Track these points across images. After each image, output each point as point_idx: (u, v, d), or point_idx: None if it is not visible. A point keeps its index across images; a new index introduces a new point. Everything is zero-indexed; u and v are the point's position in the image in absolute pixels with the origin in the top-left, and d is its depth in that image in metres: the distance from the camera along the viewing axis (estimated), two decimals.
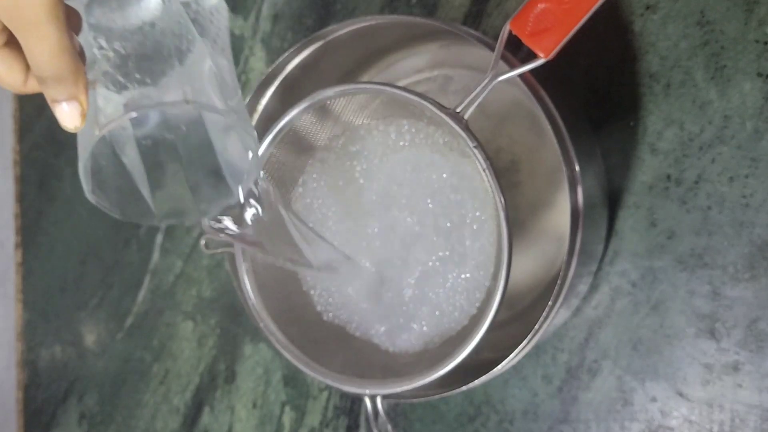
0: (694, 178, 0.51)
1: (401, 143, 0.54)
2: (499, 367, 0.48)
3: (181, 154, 0.40)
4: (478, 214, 0.51)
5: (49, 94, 0.34)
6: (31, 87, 0.36)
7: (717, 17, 0.50)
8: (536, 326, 0.46)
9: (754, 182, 0.49)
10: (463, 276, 0.52)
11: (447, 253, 0.52)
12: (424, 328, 0.53)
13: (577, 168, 0.46)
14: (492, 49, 0.45)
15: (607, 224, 0.53)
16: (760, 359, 0.49)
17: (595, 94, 0.55)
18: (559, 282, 0.46)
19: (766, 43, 0.49)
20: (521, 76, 0.45)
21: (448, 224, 0.52)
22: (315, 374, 0.51)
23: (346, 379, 0.50)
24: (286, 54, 0.54)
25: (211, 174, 0.41)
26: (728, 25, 0.50)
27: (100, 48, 0.36)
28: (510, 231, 0.43)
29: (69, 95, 0.34)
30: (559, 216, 0.53)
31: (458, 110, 0.45)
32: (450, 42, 0.50)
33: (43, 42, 0.32)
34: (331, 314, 0.56)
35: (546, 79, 0.47)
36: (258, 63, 0.70)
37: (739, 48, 0.50)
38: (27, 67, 0.35)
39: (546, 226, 0.54)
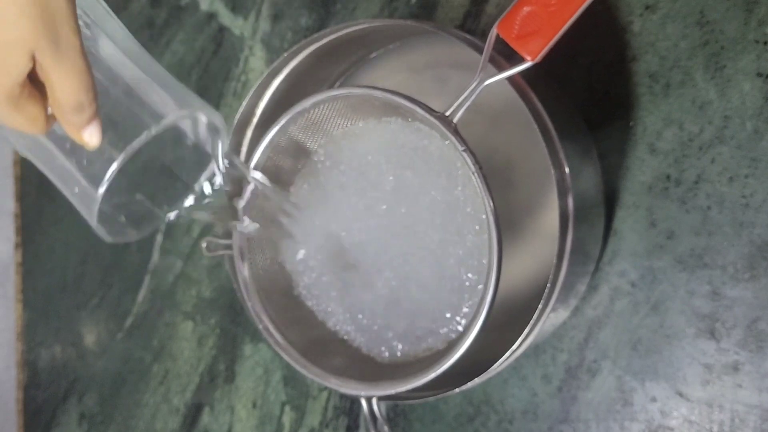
0: (694, 178, 0.51)
1: (399, 141, 0.54)
2: (493, 368, 0.48)
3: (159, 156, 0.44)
4: (471, 211, 0.51)
5: (75, 123, 0.36)
6: (48, 126, 0.37)
7: (717, 17, 0.50)
8: (527, 328, 0.46)
9: (754, 182, 0.49)
10: (457, 280, 0.52)
11: (440, 253, 0.52)
12: (417, 333, 0.53)
13: (567, 170, 0.46)
14: (482, 51, 0.45)
15: (605, 224, 0.53)
16: (760, 359, 0.49)
17: (595, 94, 0.55)
18: (549, 285, 0.46)
19: (766, 43, 0.49)
20: (510, 78, 0.45)
21: (442, 222, 0.52)
22: (312, 375, 0.51)
23: (343, 380, 0.50)
24: (286, 54, 0.54)
25: (190, 157, 0.45)
26: (728, 25, 0.50)
27: None
28: (499, 233, 0.43)
29: (91, 118, 0.36)
30: (554, 216, 0.53)
31: (447, 113, 0.45)
32: (446, 43, 0.50)
33: (77, 74, 0.35)
34: (332, 322, 0.56)
35: (538, 81, 0.47)
36: (258, 63, 0.70)
37: (738, 48, 0.50)
38: (45, 109, 0.36)
39: (541, 226, 0.54)
